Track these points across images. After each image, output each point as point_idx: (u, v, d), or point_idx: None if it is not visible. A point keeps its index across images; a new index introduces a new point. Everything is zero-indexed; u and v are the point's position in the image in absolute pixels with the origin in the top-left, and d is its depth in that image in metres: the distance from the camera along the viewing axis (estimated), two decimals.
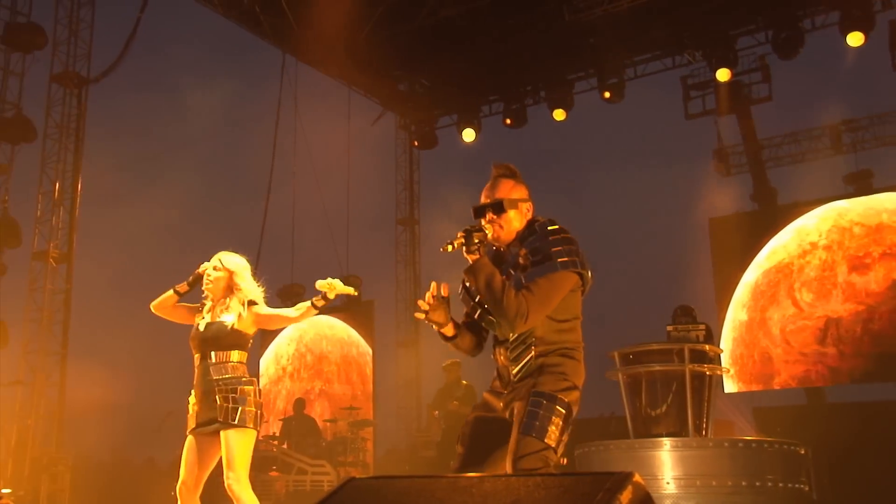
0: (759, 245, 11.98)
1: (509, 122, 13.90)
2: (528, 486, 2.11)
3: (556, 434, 3.03)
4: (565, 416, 3.07)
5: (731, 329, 11.89)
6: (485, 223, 3.23)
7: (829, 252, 11.45)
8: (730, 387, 11.64)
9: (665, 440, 6.03)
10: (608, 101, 13.08)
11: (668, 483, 5.87)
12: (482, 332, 3.42)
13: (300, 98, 13.30)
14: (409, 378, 14.85)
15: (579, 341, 3.24)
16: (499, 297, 3.05)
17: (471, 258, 3.11)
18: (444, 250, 3.11)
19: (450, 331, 3.30)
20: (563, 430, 3.06)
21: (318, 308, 4.36)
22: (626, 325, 14.92)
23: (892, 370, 10.90)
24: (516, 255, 3.20)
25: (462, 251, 3.11)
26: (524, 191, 3.31)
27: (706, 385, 6.40)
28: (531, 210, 3.31)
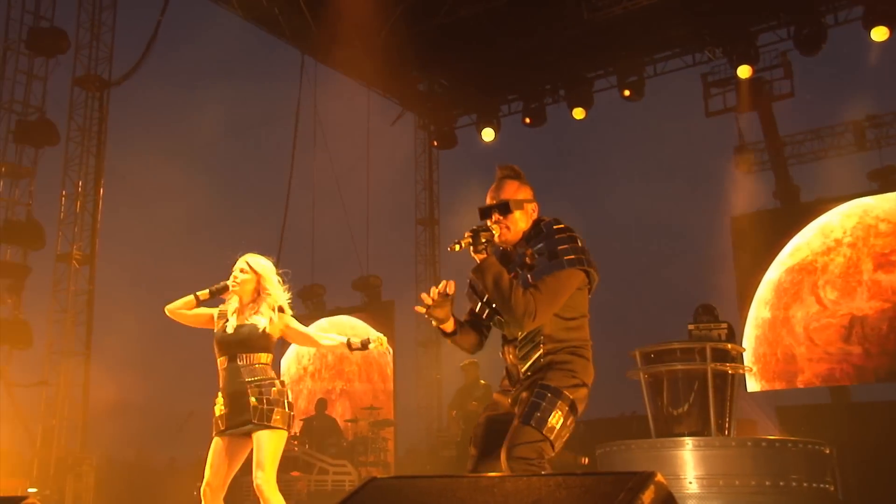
0: (781, 243, 11.86)
1: (528, 121, 13.86)
2: (549, 486, 2.10)
3: (556, 428, 3.04)
4: (568, 411, 3.08)
5: (754, 327, 11.79)
6: (491, 224, 3.25)
7: (853, 249, 11.32)
8: (753, 386, 11.54)
9: (687, 440, 6.00)
10: (628, 99, 13.03)
11: (691, 483, 5.83)
12: (483, 330, 3.44)
13: (319, 99, 13.37)
14: (430, 378, 14.86)
15: (587, 339, 3.26)
16: (507, 295, 3.07)
17: (478, 257, 3.14)
18: (451, 249, 3.14)
19: (449, 327, 3.31)
20: (564, 426, 3.07)
21: (352, 350, 4.44)
22: (647, 324, 14.86)
23: None
24: (523, 255, 3.22)
25: (469, 251, 3.14)
26: (529, 191, 3.34)
27: (728, 384, 6.36)
28: (536, 210, 3.34)
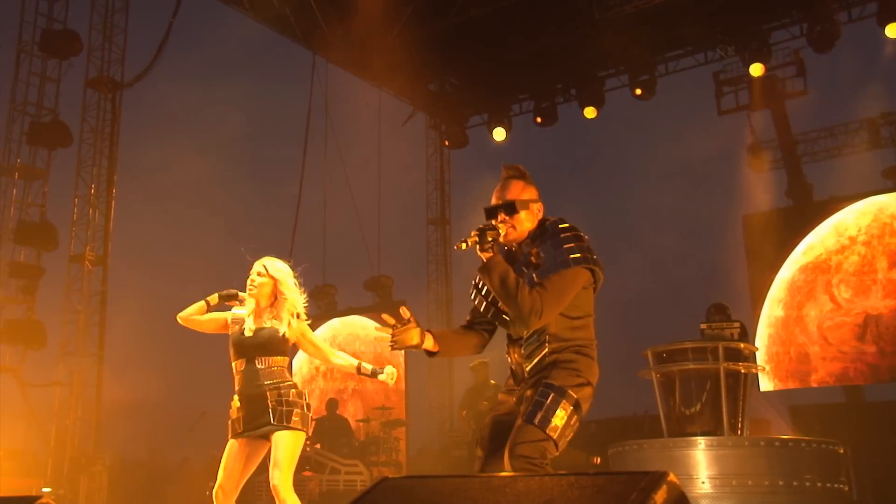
0: (794, 242, 11.80)
1: (540, 120, 13.85)
2: (561, 486, 2.10)
3: (560, 427, 3.03)
4: (572, 410, 3.07)
5: (767, 326, 11.73)
6: (497, 223, 3.24)
7: (868, 247, 11.24)
8: (766, 385, 11.49)
9: (700, 439, 5.97)
10: (639, 97, 12.99)
11: (704, 483, 5.81)
12: (486, 329, 3.43)
13: (331, 99, 13.39)
14: (441, 377, 14.87)
15: (592, 338, 3.26)
16: (513, 294, 3.07)
17: (484, 256, 3.13)
18: (457, 248, 3.15)
19: (430, 345, 3.26)
20: (568, 425, 3.06)
21: (360, 374, 4.51)
22: (659, 324, 14.80)
23: None
24: (528, 255, 3.22)
25: (476, 249, 3.13)
26: (534, 191, 3.34)
27: (741, 383, 6.33)
28: (542, 210, 3.34)
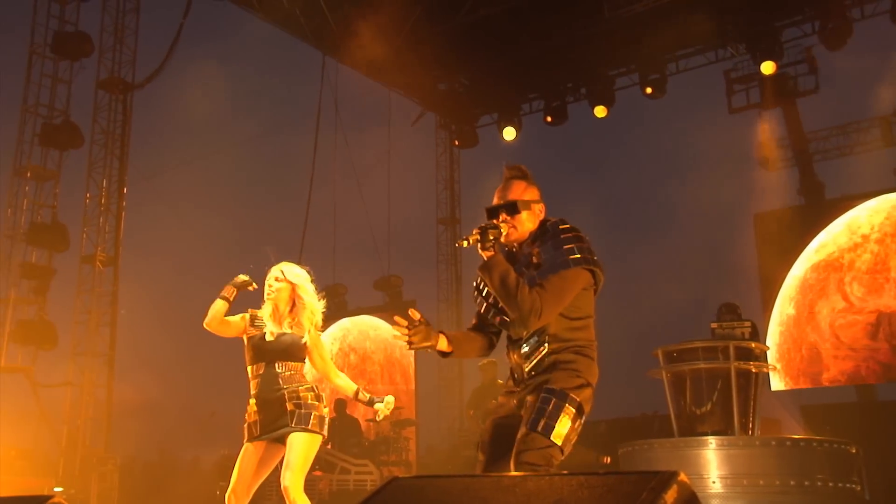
0: (805, 240, 11.74)
1: (550, 119, 13.84)
2: (571, 486, 2.09)
3: (564, 433, 3.01)
4: (575, 414, 3.05)
5: (779, 324, 11.68)
6: (498, 223, 3.24)
7: (881, 245, 11.17)
8: (777, 384, 11.44)
9: (710, 439, 5.96)
10: (650, 96, 12.96)
11: (715, 482, 5.79)
12: (493, 331, 3.42)
13: (340, 99, 13.40)
14: (451, 377, 14.87)
15: (592, 339, 3.24)
16: (513, 293, 3.07)
17: (485, 255, 3.13)
18: (459, 245, 3.15)
19: (443, 346, 3.29)
20: (573, 429, 3.04)
21: (356, 400, 4.49)
22: (669, 323, 14.74)
23: None
24: (529, 255, 3.21)
25: (477, 248, 3.13)
26: (536, 192, 3.33)
27: (752, 383, 6.31)
28: (543, 211, 3.33)
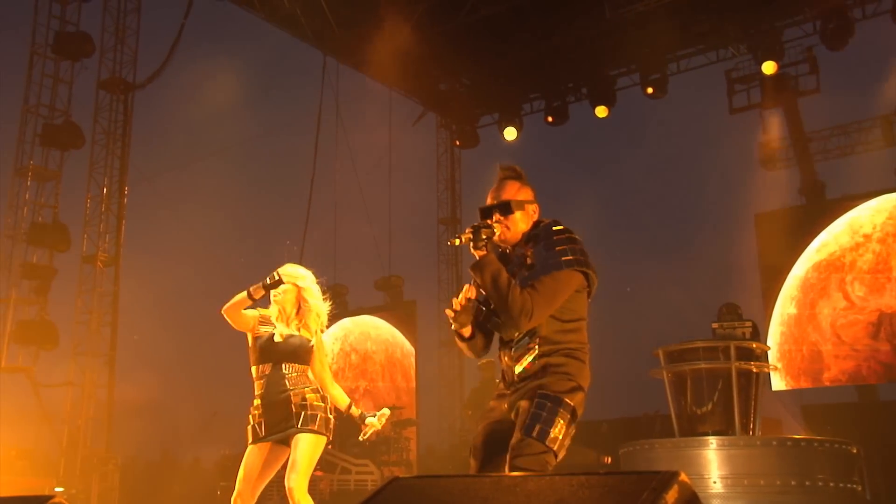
0: (806, 240, 11.73)
1: (551, 119, 13.83)
2: (571, 486, 2.08)
3: (559, 437, 2.99)
4: (570, 419, 3.03)
5: (780, 323, 11.66)
6: (492, 223, 3.22)
7: (883, 245, 11.15)
8: (778, 384, 11.42)
9: (711, 439, 5.96)
10: (651, 96, 12.95)
11: (715, 482, 5.79)
12: (488, 333, 3.40)
13: (341, 99, 13.41)
14: (452, 377, 14.86)
15: (584, 342, 3.20)
16: (504, 293, 3.05)
17: (478, 254, 3.11)
18: (451, 244, 3.15)
19: (468, 332, 3.29)
20: (566, 434, 3.02)
21: (346, 414, 4.48)
22: (670, 323, 14.75)
23: None
24: (522, 256, 3.19)
25: (469, 247, 3.11)
26: (530, 192, 3.31)
27: (753, 383, 6.31)
28: (537, 212, 3.30)
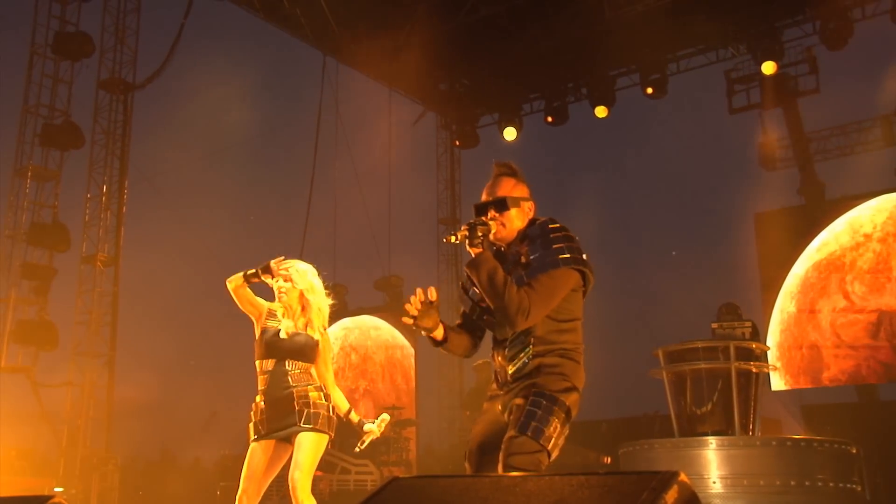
0: (806, 240, 11.73)
1: (551, 119, 13.84)
2: (571, 486, 2.09)
3: (553, 437, 2.96)
4: (564, 419, 3.00)
5: (779, 322, 11.66)
6: (487, 220, 3.17)
7: (883, 244, 11.14)
8: (777, 383, 11.42)
9: (711, 439, 5.96)
10: (651, 96, 12.96)
11: (715, 482, 5.79)
12: (477, 333, 3.35)
13: (341, 99, 13.41)
14: (451, 377, 14.86)
15: (579, 343, 3.16)
16: (500, 291, 2.99)
17: (473, 251, 3.06)
18: (447, 241, 3.10)
19: (439, 335, 3.21)
20: (560, 434, 2.99)
21: (344, 419, 4.49)
22: (670, 323, 14.75)
23: None
24: (517, 255, 3.14)
25: (465, 244, 3.06)
26: (526, 189, 3.27)
27: (752, 383, 6.32)
28: (533, 209, 3.26)
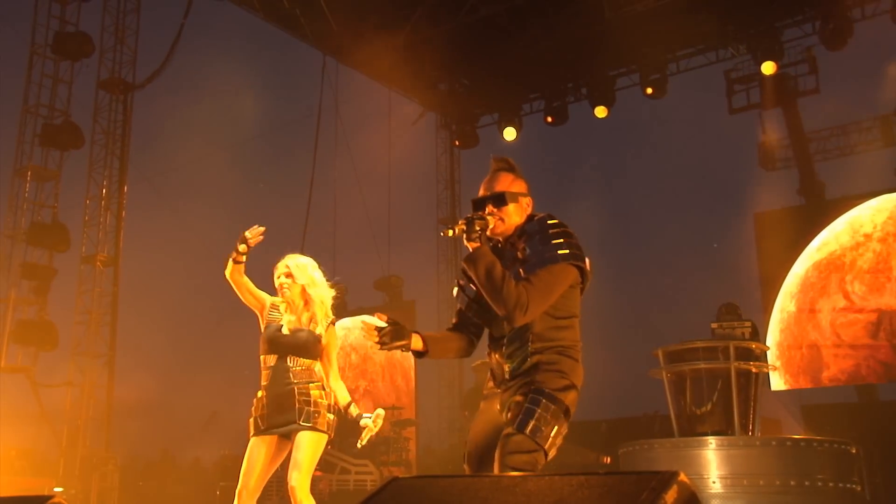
0: (805, 240, 11.73)
1: (550, 119, 13.83)
2: (571, 486, 2.08)
3: (550, 436, 2.94)
4: (562, 418, 2.97)
5: (779, 321, 11.66)
6: (485, 215, 3.13)
7: (883, 244, 11.14)
8: (777, 383, 11.43)
9: (711, 439, 5.96)
10: (651, 96, 12.95)
11: (715, 482, 5.79)
12: (473, 331, 3.32)
13: (340, 99, 13.41)
14: (451, 377, 14.86)
15: (577, 340, 3.13)
16: (499, 286, 2.93)
17: (471, 246, 3.01)
18: (444, 234, 3.06)
19: (418, 346, 3.18)
20: (558, 433, 2.97)
21: (343, 412, 4.41)
22: (669, 323, 14.75)
23: None
24: (515, 250, 3.12)
25: (462, 238, 3.02)
26: (523, 185, 3.24)
27: (752, 383, 6.32)
28: (531, 205, 3.23)
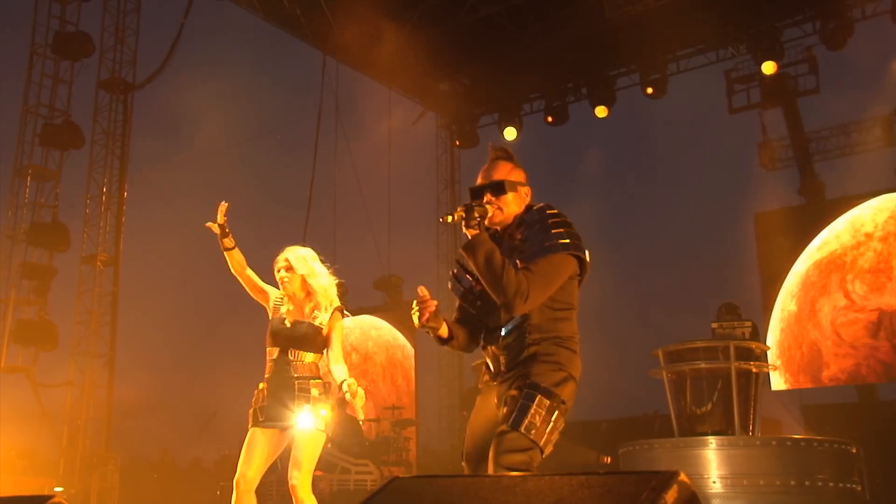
0: (805, 240, 11.72)
1: (551, 119, 13.84)
2: (571, 485, 2.08)
3: (546, 432, 2.89)
4: (558, 414, 2.93)
5: (780, 320, 11.66)
6: (483, 203, 3.11)
7: (884, 244, 11.13)
8: (777, 383, 11.42)
9: (711, 439, 5.96)
10: (651, 96, 12.95)
11: (715, 482, 5.79)
12: (474, 325, 3.27)
13: (341, 99, 13.41)
14: (451, 377, 14.87)
15: (575, 332, 3.11)
16: (498, 273, 2.89)
17: (470, 233, 2.98)
18: (443, 220, 3.03)
19: (444, 333, 3.17)
20: (555, 429, 2.92)
21: (338, 390, 4.35)
22: (670, 323, 14.76)
23: None
24: (513, 240, 3.09)
25: (461, 226, 2.99)
26: (522, 174, 3.23)
27: (752, 382, 6.32)
28: (529, 195, 3.21)
